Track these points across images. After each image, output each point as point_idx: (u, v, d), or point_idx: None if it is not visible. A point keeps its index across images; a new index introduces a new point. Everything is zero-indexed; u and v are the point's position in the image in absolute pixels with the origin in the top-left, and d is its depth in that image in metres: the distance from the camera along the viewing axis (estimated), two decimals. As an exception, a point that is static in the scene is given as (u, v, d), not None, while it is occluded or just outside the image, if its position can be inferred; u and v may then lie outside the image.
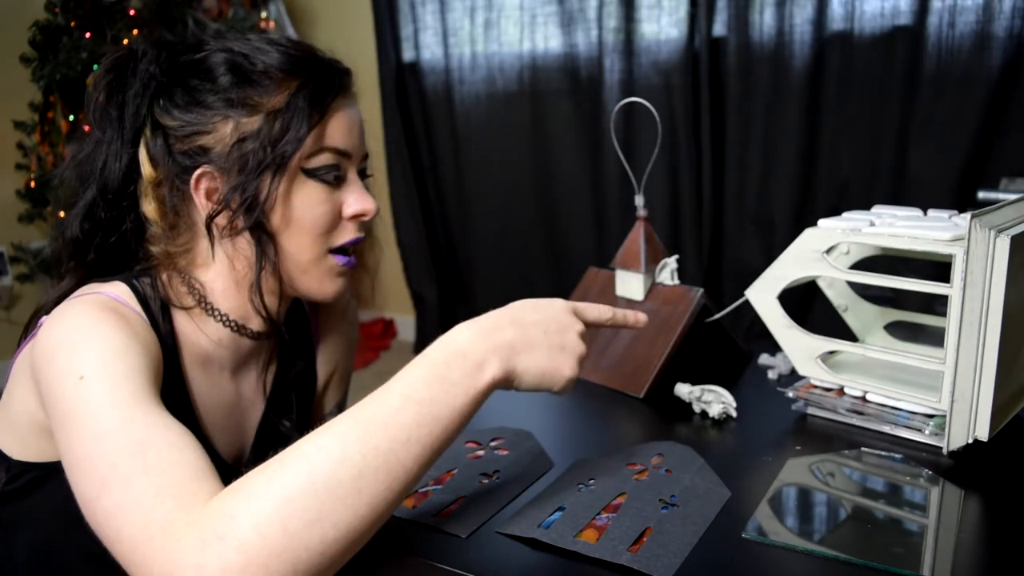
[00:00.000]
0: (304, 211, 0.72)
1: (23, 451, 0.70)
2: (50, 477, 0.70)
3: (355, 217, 0.75)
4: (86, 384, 0.59)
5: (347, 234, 0.75)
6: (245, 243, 0.72)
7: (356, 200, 0.74)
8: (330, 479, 0.49)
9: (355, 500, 0.49)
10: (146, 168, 0.72)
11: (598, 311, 0.66)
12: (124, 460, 0.55)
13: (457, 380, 0.55)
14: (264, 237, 0.71)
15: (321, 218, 0.73)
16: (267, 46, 0.73)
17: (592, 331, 0.71)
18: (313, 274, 0.75)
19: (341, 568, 0.61)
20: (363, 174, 0.78)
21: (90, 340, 0.63)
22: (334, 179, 0.73)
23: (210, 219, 0.71)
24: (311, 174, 0.71)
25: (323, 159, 0.72)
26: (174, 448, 0.55)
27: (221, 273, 0.74)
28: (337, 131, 0.73)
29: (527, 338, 0.60)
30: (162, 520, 0.50)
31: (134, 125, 0.72)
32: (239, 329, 0.77)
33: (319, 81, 0.72)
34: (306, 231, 0.72)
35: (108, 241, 0.74)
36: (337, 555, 0.50)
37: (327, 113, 0.72)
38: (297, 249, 0.73)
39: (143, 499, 0.52)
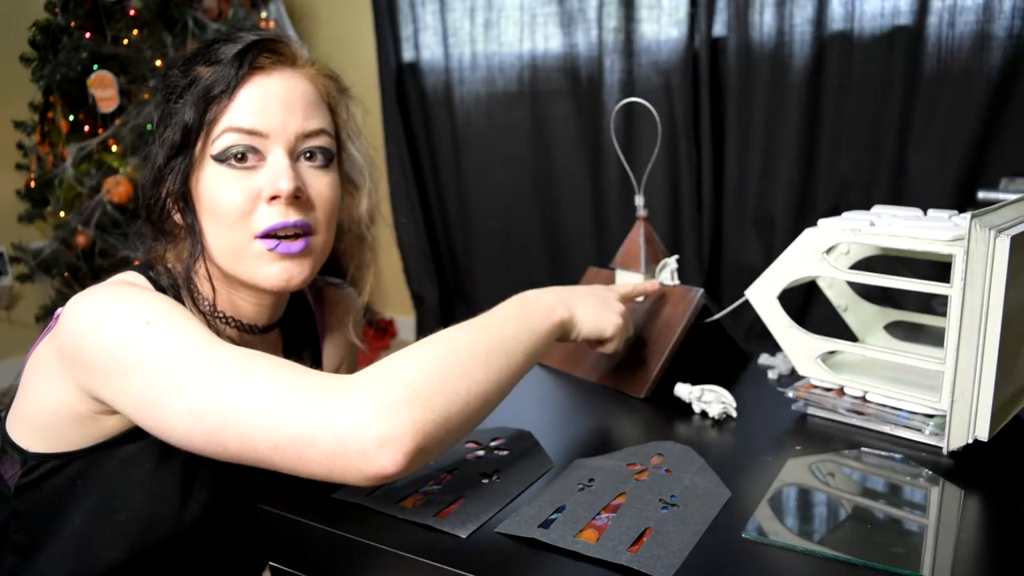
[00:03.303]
0: (215, 198, 0.70)
1: (40, 443, 0.71)
2: (68, 465, 0.71)
3: (272, 199, 0.70)
4: (156, 326, 0.61)
5: (269, 218, 0.70)
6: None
7: (269, 181, 0.69)
8: (468, 349, 0.60)
9: (486, 369, 0.60)
10: None
11: (623, 288, 0.86)
12: (240, 360, 0.58)
13: (537, 312, 0.70)
14: (193, 228, 0.72)
15: (231, 203, 0.69)
16: (228, 40, 0.73)
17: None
18: (245, 262, 0.72)
19: (343, 568, 0.61)
20: (309, 155, 0.73)
21: (139, 297, 0.64)
22: (240, 161, 0.69)
23: (145, 216, 0.74)
24: (218, 159, 0.70)
25: (227, 141, 0.69)
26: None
27: (202, 273, 0.75)
28: (245, 110, 0.69)
29: (580, 297, 0.77)
30: (315, 384, 0.56)
31: None
32: (238, 325, 0.77)
33: (223, 62, 0.70)
34: (221, 218, 0.70)
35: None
36: (474, 411, 0.59)
37: (231, 92, 0.69)
38: (220, 237, 0.71)
39: (281, 375, 0.57)
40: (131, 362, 0.60)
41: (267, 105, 0.70)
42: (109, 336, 0.61)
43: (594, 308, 0.77)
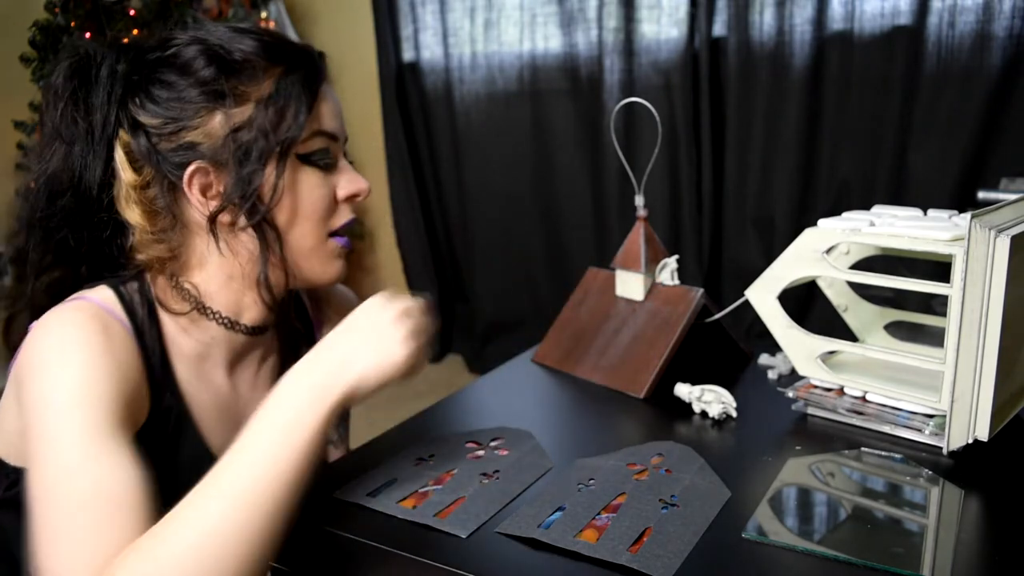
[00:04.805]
0: (304, 198, 0.72)
1: (20, 457, 0.70)
2: None
3: (350, 198, 0.76)
4: (54, 416, 0.62)
5: (344, 216, 0.76)
6: (247, 236, 0.71)
7: (349, 181, 0.76)
8: (221, 529, 0.56)
9: (248, 541, 0.56)
10: (127, 173, 0.70)
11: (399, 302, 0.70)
12: (70, 507, 0.59)
13: (299, 422, 0.60)
14: (267, 228, 0.71)
15: (320, 203, 0.73)
16: (239, 35, 0.72)
17: (590, 328, 0.80)
18: (315, 260, 0.75)
19: (343, 568, 0.61)
20: (346, 156, 0.79)
21: (65, 366, 0.64)
22: (326, 163, 0.74)
23: (213, 217, 0.69)
24: (306, 160, 0.72)
25: (317, 143, 0.73)
26: (120, 488, 0.60)
27: (216, 271, 0.73)
28: (326, 115, 0.74)
29: (345, 355, 0.63)
30: (100, 557, 0.57)
31: (105, 131, 0.70)
32: (232, 325, 0.76)
33: (303, 66, 0.72)
34: (307, 218, 0.73)
35: (93, 252, 0.74)
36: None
37: (317, 97, 0.72)
38: (299, 237, 0.73)
39: (88, 536, 0.58)
40: (31, 442, 0.62)
41: (337, 112, 0.76)
42: (26, 404, 0.64)
43: (373, 355, 0.63)
